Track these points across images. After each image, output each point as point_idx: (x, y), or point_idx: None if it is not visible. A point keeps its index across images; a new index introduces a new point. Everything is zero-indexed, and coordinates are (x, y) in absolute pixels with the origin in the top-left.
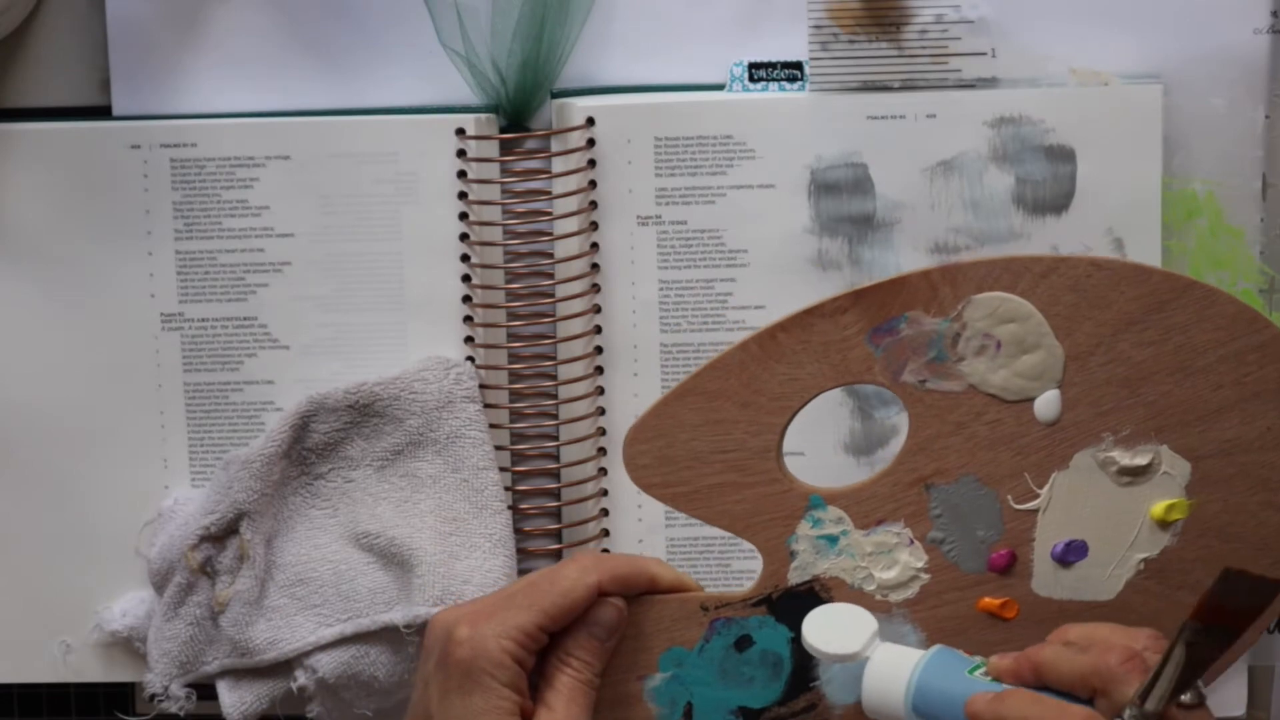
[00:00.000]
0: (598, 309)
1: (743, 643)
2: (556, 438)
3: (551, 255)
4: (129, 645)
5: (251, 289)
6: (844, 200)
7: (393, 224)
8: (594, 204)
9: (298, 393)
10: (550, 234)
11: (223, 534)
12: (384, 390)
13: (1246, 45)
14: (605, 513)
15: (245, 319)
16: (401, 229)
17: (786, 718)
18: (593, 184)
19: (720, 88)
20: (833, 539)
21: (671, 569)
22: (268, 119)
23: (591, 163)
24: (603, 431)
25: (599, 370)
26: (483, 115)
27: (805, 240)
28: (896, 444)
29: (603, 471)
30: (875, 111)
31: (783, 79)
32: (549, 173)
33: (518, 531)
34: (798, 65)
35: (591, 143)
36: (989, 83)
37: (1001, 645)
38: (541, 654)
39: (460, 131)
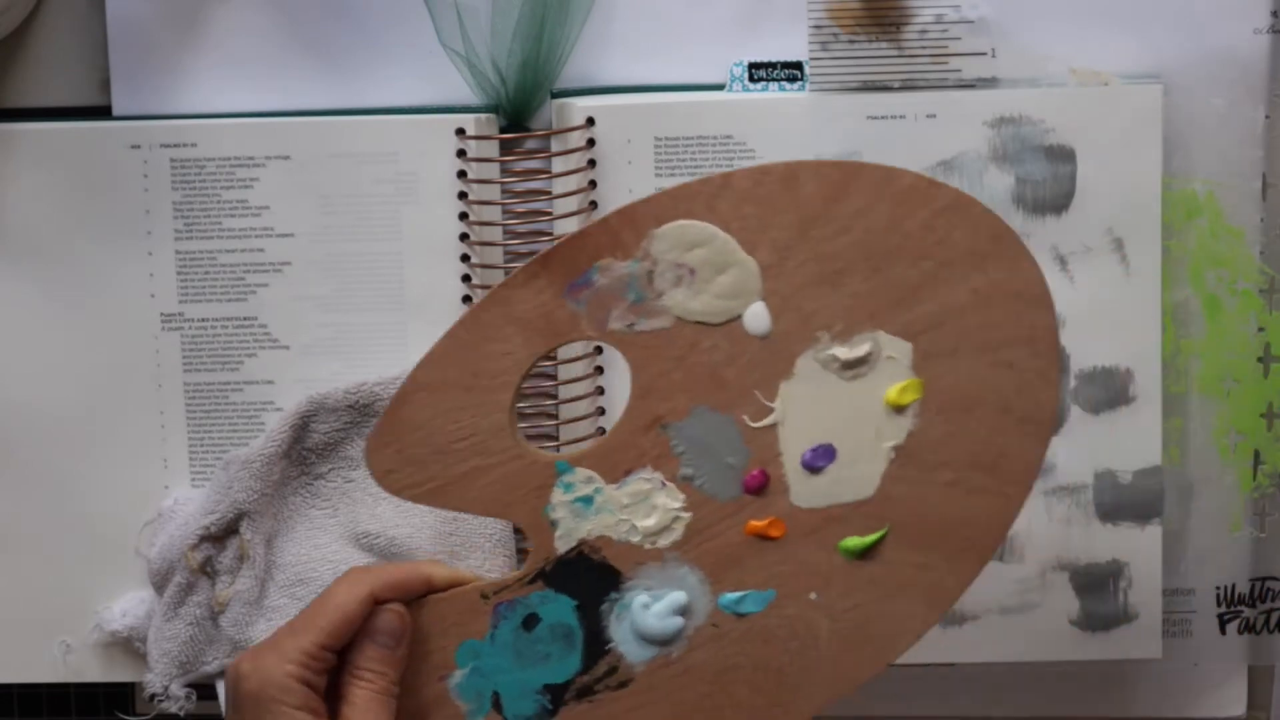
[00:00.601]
0: None
1: (530, 621)
2: (556, 437)
3: None
4: (129, 645)
5: (251, 289)
6: None
7: (393, 224)
8: (594, 204)
9: (298, 393)
10: (550, 234)
11: (223, 534)
12: (384, 390)
13: (1246, 45)
14: None
15: (245, 319)
16: (401, 229)
17: (592, 685)
18: (593, 184)
19: (720, 88)
20: (588, 499)
21: (446, 566)
22: (268, 119)
23: (591, 163)
24: (602, 431)
25: (599, 370)
26: (483, 115)
27: None
28: None
29: None
30: (875, 111)
31: (783, 79)
32: (549, 173)
33: (518, 532)
34: (798, 65)
35: (591, 143)
36: (989, 83)
37: (781, 565)
38: (337, 673)
39: (460, 131)
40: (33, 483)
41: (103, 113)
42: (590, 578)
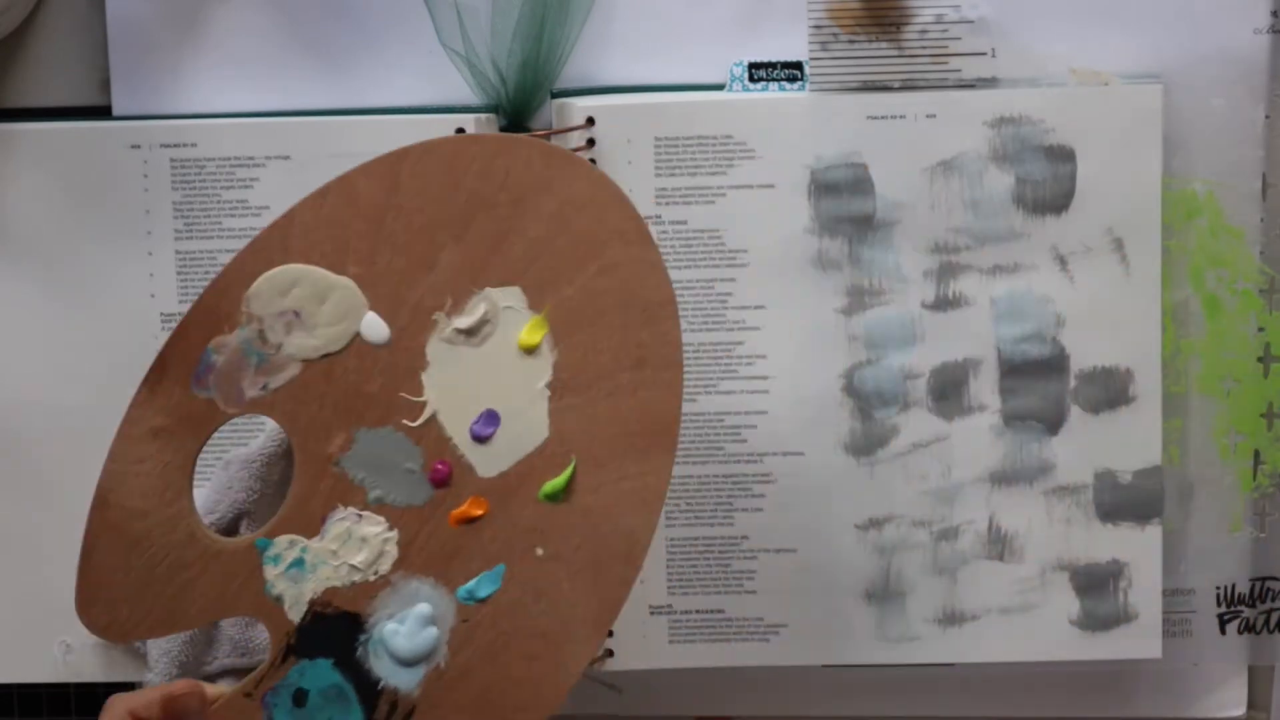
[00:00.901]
0: None
1: (300, 697)
2: None
3: None
4: (129, 645)
5: None
6: (844, 200)
7: None
8: None
9: None
10: None
11: (223, 534)
12: None
13: (1246, 45)
14: None
15: None
16: None
17: None
18: None
19: (720, 88)
20: (299, 562)
21: (207, 686)
22: (268, 119)
23: (592, 162)
24: None
25: None
26: (483, 115)
27: (805, 240)
28: (897, 443)
29: None
30: (875, 111)
31: (783, 79)
32: None
33: None
34: (798, 65)
35: (591, 143)
36: (989, 82)
37: (497, 537)
38: None
39: (460, 131)
40: (33, 482)
41: (103, 113)
42: (334, 632)
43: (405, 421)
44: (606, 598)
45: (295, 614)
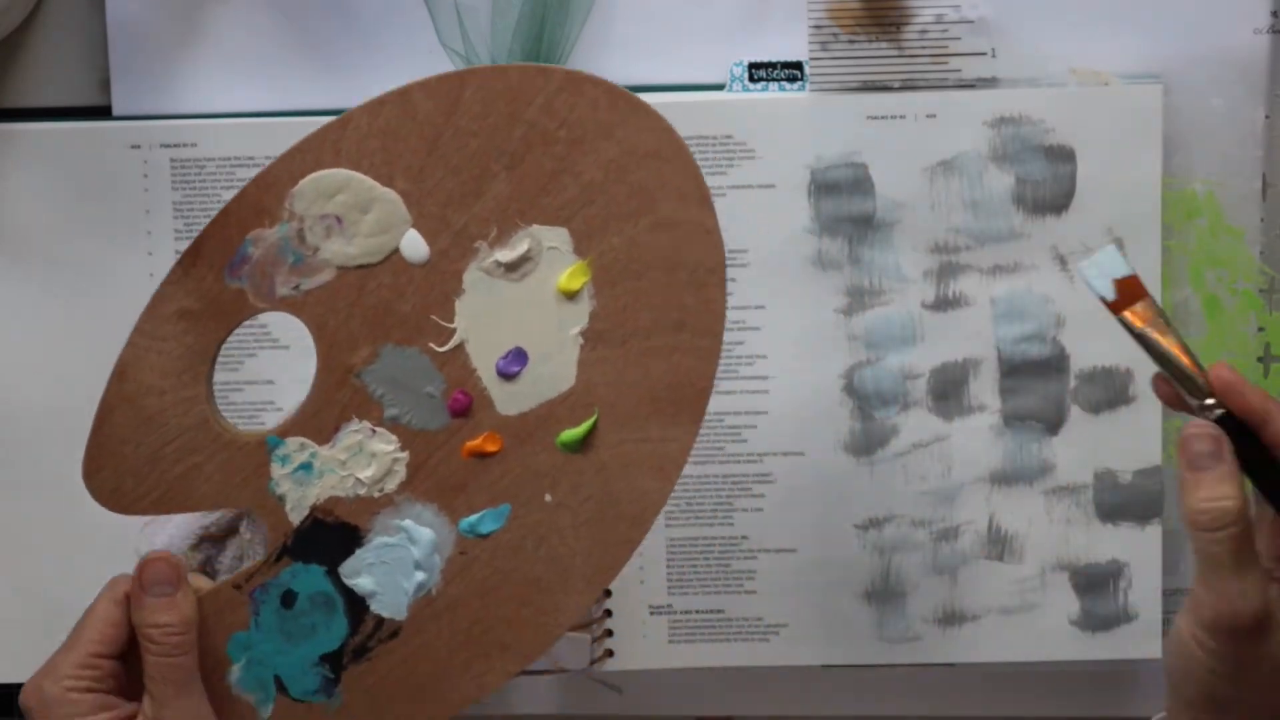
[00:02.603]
0: None
1: (288, 598)
2: None
3: None
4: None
5: None
6: (844, 200)
7: None
8: None
9: (298, 393)
10: None
11: (223, 534)
12: None
13: (1246, 45)
14: None
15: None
16: None
17: (365, 644)
18: None
19: (720, 88)
20: (307, 466)
21: (205, 579)
22: (268, 119)
23: None
24: None
25: None
26: None
27: (805, 240)
28: (897, 443)
29: None
30: (875, 111)
31: (783, 79)
32: None
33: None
34: (798, 65)
35: None
36: (989, 82)
37: (508, 477)
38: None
39: None
40: (32, 483)
41: (103, 113)
42: (331, 540)
43: (432, 345)
44: (607, 556)
45: (296, 516)
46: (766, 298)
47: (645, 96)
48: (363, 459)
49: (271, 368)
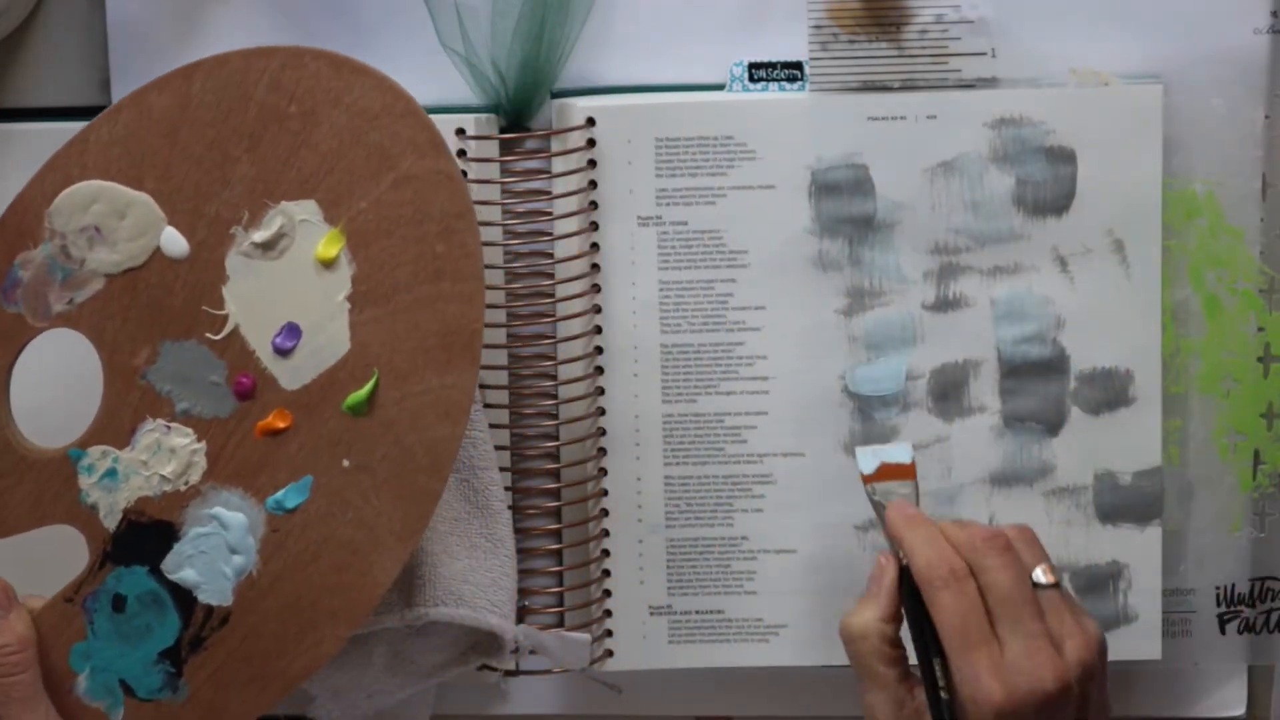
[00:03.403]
0: (598, 309)
1: (118, 603)
2: (557, 438)
3: (551, 255)
4: None
5: None
6: (845, 201)
7: None
8: (594, 204)
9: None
10: (550, 234)
11: None
12: None
13: (1246, 45)
14: (605, 513)
15: None
16: None
17: (199, 634)
18: (593, 184)
19: (720, 88)
20: (112, 472)
21: (38, 598)
22: None
23: (592, 163)
24: (603, 431)
25: (599, 370)
26: (483, 115)
27: (806, 241)
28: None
29: (603, 472)
30: (876, 112)
31: (783, 79)
32: (549, 173)
33: (518, 531)
34: (798, 65)
35: (592, 143)
36: (989, 82)
37: (303, 449)
38: None
39: (460, 131)
40: None
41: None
42: (148, 540)
43: (209, 335)
44: (413, 510)
45: (110, 522)
46: (767, 298)
47: (645, 97)
48: (163, 456)
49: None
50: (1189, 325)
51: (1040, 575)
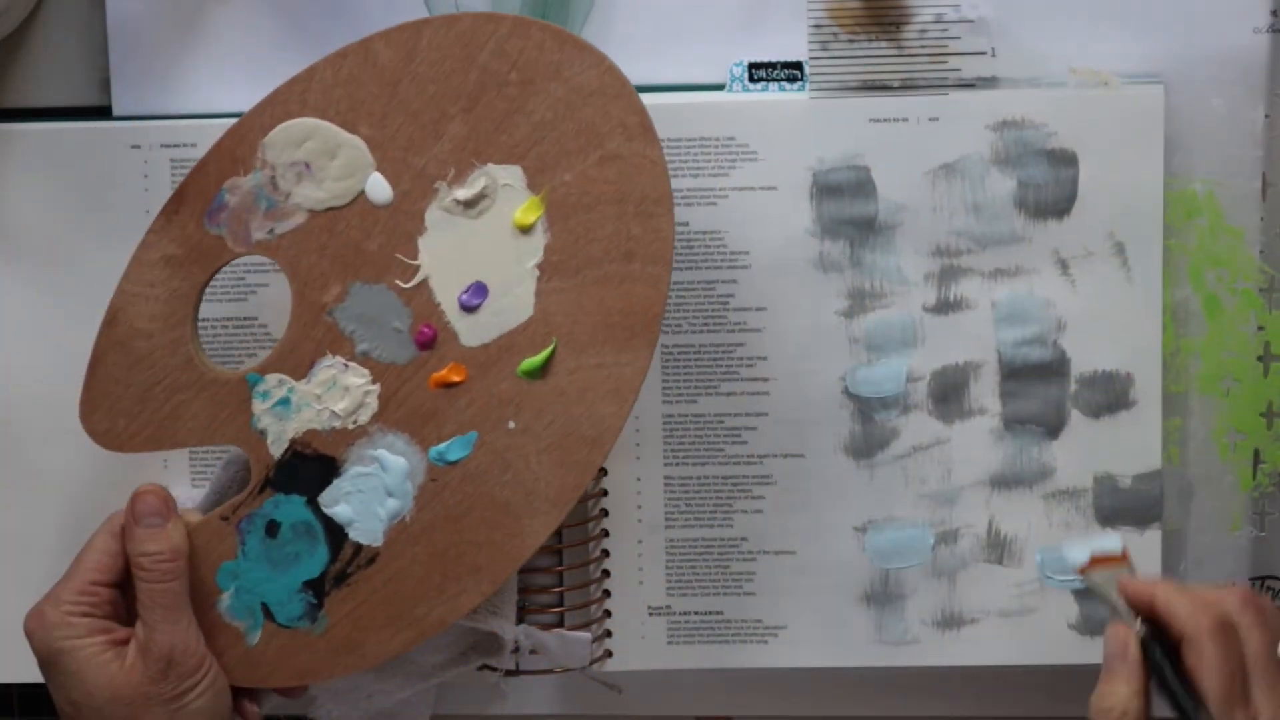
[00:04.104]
0: None
1: (271, 528)
2: None
3: None
4: None
5: (251, 289)
6: (846, 203)
7: None
8: None
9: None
10: None
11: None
12: None
13: (1246, 45)
14: (605, 513)
15: (245, 319)
16: None
17: (345, 570)
18: None
19: (720, 88)
20: (285, 401)
21: (196, 514)
22: None
23: None
24: None
25: None
26: None
27: (807, 242)
28: (897, 446)
29: (603, 472)
30: (877, 114)
31: (783, 79)
32: None
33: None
34: (798, 65)
35: None
36: (989, 82)
37: (473, 405)
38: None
39: None
40: (33, 482)
41: (103, 113)
42: (310, 471)
43: (398, 282)
44: (569, 479)
45: (276, 449)
46: (768, 299)
47: (645, 97)
48: (337, 393)
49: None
50: (1189, 325)
51: None
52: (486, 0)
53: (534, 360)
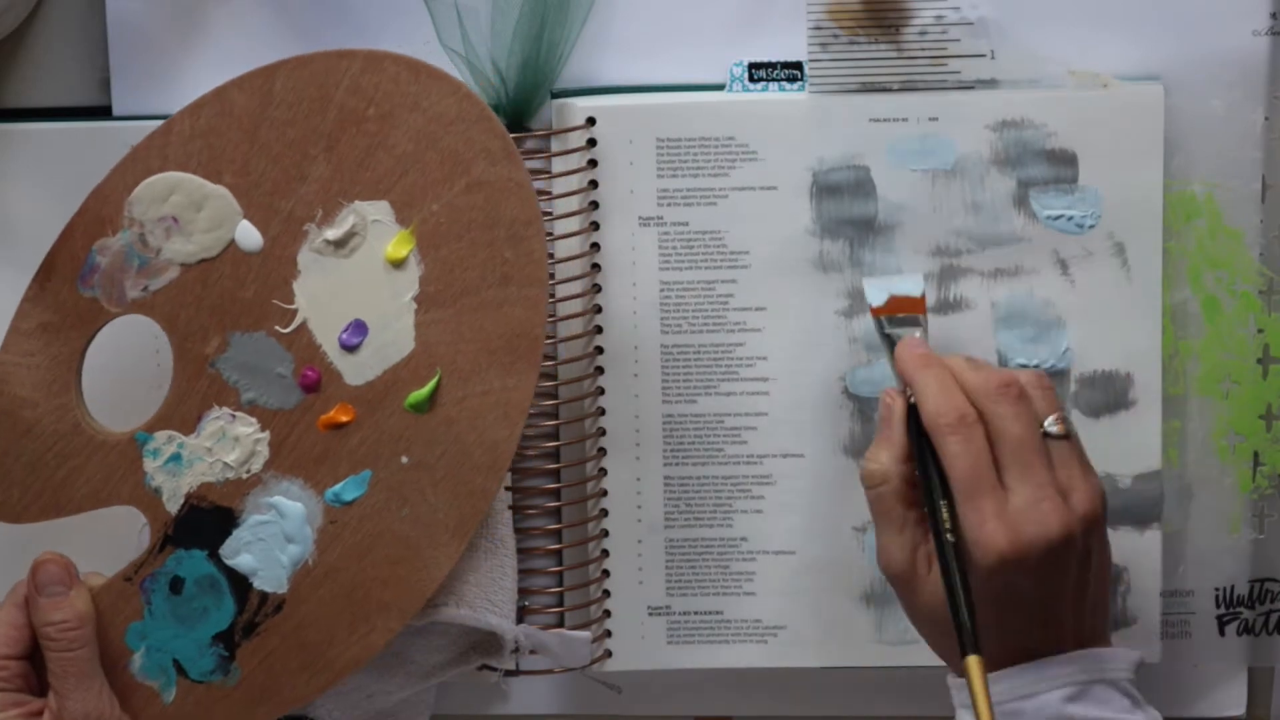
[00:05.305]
0: (598, 309)
1: (176, 585)
2: (557, 438)
3: (552, 255)
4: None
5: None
6: (846, 203)
7: None
8: (595, 204)
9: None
10: (550, 234)
11: None
12: None
13: (1246, 47)
14: (605, 513)
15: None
16: None
17: (253, 620)
18: (594, 184)
19: (720, 88)
20: (176, 457)
21: (100, 575)
22: None
23: (593, 163)
24: (603, 432)
25: (599, 370)
26: None
27: (807, 242)
28: None
29: (602, 472)
30: (878, 114)
31: (783, 79)
32: (549, 173)
33: (518, 531)
34: (798, 65)
35: (592, 143)
36: (988, 84)
37: (364, 444)
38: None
39: None
40: None
41: (103, 113)
42: (209, 524)
43: (278, 328)
44: (467, 507)
45: (173, 506)
46: (767, 299)
47: (646, 97)
48: (227, 444)
49: None
50: (1188, 326)
51: (1051, 425)
52: (487, 2)
53: (420, 393)
